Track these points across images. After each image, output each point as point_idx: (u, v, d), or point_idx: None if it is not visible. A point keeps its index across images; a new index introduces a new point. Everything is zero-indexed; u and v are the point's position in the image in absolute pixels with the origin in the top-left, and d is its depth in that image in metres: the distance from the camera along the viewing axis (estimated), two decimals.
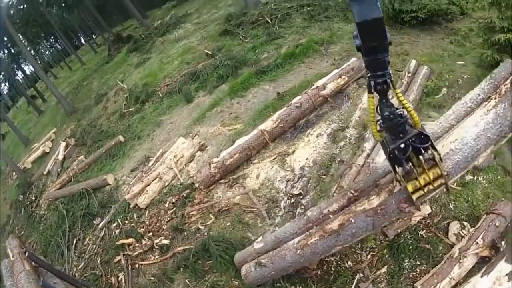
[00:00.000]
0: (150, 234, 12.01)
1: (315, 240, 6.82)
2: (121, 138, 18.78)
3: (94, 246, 13.77)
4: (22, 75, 77.08)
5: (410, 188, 4.15)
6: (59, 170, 22.12)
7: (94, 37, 72.83)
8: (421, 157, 3.98)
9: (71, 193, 17.52)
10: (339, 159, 10.45)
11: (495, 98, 5.22)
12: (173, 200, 12.48)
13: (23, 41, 55.14)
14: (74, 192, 17.28)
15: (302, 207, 9.66)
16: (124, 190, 15.10)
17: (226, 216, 10.72)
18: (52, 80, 55.52)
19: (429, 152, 3.95)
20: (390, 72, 3.48)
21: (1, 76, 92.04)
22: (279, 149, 11.75)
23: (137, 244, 12.17)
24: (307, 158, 10.94)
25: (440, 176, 4.02)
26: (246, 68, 18.25)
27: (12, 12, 52.36)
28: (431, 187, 3.97)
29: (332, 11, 20.01)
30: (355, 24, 3.10)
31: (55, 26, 60.70)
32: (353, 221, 6.05)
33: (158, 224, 12.28)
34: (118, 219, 13.68)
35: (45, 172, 23.47)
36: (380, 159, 9.02)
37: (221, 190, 11.67)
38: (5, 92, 79.82)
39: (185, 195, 12.30)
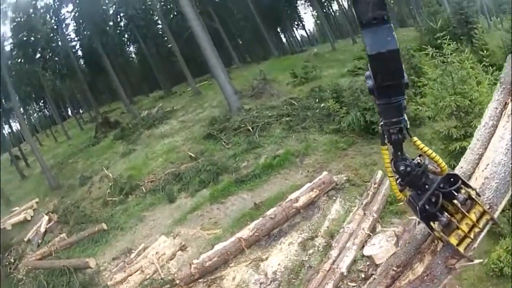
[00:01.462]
0: None
1: None
2: (104, 226, 19.97)
3: None
4: (9, 131, 77.25)
5: (454, 240, 3.42)
6: (39, 241, 23.03)
7: (81, 112, 73.95)
8: (455, 201, 3.33)
9: (52, 267, 18.64)
10: (308, 265, 11.91)
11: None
12: None
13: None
14: (55, 266, 18.39)
15: None
16: (106, 276, 16.24)
17: None
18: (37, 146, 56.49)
19: (463, 191, 3.33)
20: (407, 119, 3.03)
21: None
22: (254, 255, 13.17)
23: None
24: (279, 264, 12.39)
25: (483, 213, 3.36)
26: (226, 175, 19.87)
27: (10, 62, 53.52)
28: (477, 229, 3.34)
29: (309, 122, 21.94)
30: (367, 58, 2.77)
31: (47, 91, 62.25)
32: None
33: None
34: None
35: (25, 239, 24.36)
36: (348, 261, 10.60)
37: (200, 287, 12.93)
38: None
39: None
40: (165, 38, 58.27)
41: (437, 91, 12.98)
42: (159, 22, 57.40)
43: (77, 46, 64.08)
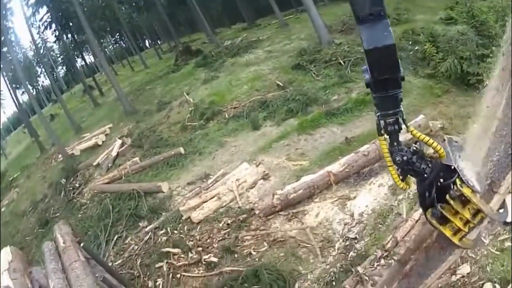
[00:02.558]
0: (200, 249, 12.59)
1: None
2: (181, 149, 19.54)
3: (136, 247, 14.49)
4: (82, 64, 79.25)
5: (448, 231, 3.37)
6: (110, 165, 23.13)
7: (159, 42, 74.77)
8: (447, 196, 3.21)
9: (120, 190, 18.44)
10: (396, 211, 10.93)
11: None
12: (229, 222, 13.08)
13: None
14: (123, 190, 18.18)
15: (356, 251, 10.19)
16: (178, 201, 15.85)
17: (280, 247, 11.25)
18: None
19: (457, 187, 3.15)
20: (403, 110, 3.10)
21: (59, 59, 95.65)
22: (341, 193, 12.29)
23: (182, 255, 12.76)
24: (366, 206, 11.48)
25: (478, 210, 3.20)
26: (316, 106, 19.01)
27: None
28: (471, 224, 3.24)
29: (403, 63, 20.52)
30: (364, 52, 2.81)
31: (123, 23, 63.11)
32: None
33: (208, 240, 12.90)
34: (168, 228, 14.36)
35: (94, 164, 24.51)
36: None
37: (279, 221, 12.22)
38: (60, 76, 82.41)
39: (241, 219, 12.89)
40: None
41: None
42: None
43: None
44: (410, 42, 23.20)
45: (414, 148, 3.31)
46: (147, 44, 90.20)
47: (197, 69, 34.35)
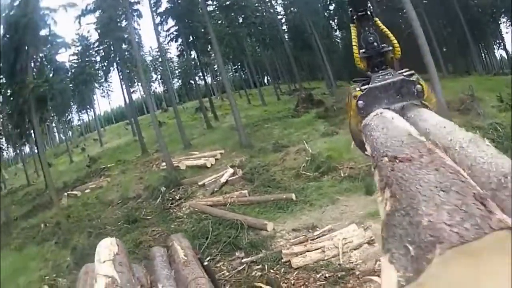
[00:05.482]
0: None
1: None
2: (293, 196, 20.69)
3: (228, 273, 15.66)
4: (199, 82, 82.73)
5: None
6: (215, 189, 24.63)
7: (279, 82, 77.06)
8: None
9: (223, 217, 19.90)
10: None
11: None
12: (327, 275, 13.84)
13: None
14: (226, 217, 19.62)
15: None
16: (280, 243, 16.96)
17: None
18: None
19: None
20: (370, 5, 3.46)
21: (176, 71, 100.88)
22: None
23: None
24: None
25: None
26: None
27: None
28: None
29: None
30: None
31: (247, 55, 66.61)
32: None
33: (303, 287, 13.77)
34: (265, 264, 15.39)
35: (199, 183, 26.26)
36: None
37: (374, 286, 12.71)
38: (174, 88, 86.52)
39: (339, 275, 13.58)
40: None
41: None
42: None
43: (283, 20, 68.33)
44: None
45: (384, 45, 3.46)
46: (265, 80, 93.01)
47: (318, 120, 35.85)
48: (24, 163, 73.28)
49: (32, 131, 50.53)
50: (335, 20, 68.56)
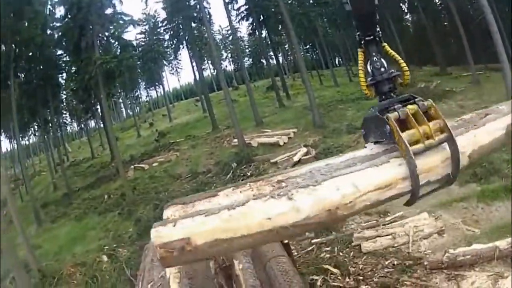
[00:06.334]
0: (360, 277, 13.67)
1: None
2: None
3: (296, 253, 15.63)
4: (269, 62, 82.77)
5: (405, 136, 3.00)
6: (288, 168, 24.82)
7: (350, 64, 76.57)
8: (415, 105, 3.11)
9: None
10: None
11: None
12: (395, 262, 13.96)
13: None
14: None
15: None
16: (351, 226, 17.15)
17: None
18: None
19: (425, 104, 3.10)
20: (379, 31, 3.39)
21: (247, 50, 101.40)
22: (498, 269, 12.46)
23: (340, 277, 13.89)
24: None
25: (443, 128, 3.00)
26: (497, 177, 19.40)
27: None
28: (432, 140, 2.95)
29: None
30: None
31: (320, 35, 66.90)
32: None
33: (370, 273, 13.89)
34: (335, 247, 15.75)
35: (272, 160, 26.93)
36: None
37: (440, 278, 12.81)
38: (245, 66, 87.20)
39: (407, 264, 13.70)
40: (444, 15, 59.89)
41: None
42: None
43: None
44: None
45: (392, 71, 3.38)
46: (336, 61, 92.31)
47: None
48: (89, 137, 75.77)
49: (97, 106, 52.32)
50: (406, 3, 67.18)
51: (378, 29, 3.38)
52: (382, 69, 3.31)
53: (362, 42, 3.42)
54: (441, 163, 2.97)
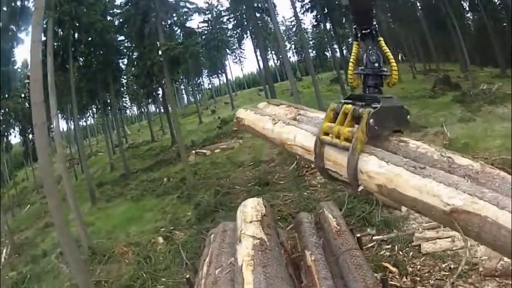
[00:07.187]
0: (417, 278, 13.95)
1: None
2: None
3: None
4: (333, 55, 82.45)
5: (324, 124, 3.24)
6: None
7: (413, 60, 75.65)
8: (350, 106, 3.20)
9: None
10: None
11: None
12: (452, 266, 14.19)
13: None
14: (362, 194, 19.98)
15: None
16: (413, 225, 17.28)
17: None
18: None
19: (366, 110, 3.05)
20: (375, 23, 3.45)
21: (310, 42, 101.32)
22: None
23: (397, 277, 14.17)
24: None
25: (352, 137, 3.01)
26: None
27: None
28: (337, 140, 3.06)
29: None
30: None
31: (382, 30, 64.81)
32: None
33: (427, 274, 14.12)
34: (396, 245, 15.97)
35: None
36: None
37: (491, 285, 13.05)
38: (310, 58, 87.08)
39: (463, 269, 13.67)
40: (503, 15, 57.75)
41: None
42: None
43: None
44: None
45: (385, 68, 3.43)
46: (399, 58, 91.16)
47: (455, 103, 35.45)
48: (150, 121, 76.79)
49: (158, 92, 53.28)
50: (467, 2, 65.69)
51: (374, 22, 3.49)
52: (376, 64, 3.40)
53: (359, 35, 3.52)
54: (344, 163, 3.06)
